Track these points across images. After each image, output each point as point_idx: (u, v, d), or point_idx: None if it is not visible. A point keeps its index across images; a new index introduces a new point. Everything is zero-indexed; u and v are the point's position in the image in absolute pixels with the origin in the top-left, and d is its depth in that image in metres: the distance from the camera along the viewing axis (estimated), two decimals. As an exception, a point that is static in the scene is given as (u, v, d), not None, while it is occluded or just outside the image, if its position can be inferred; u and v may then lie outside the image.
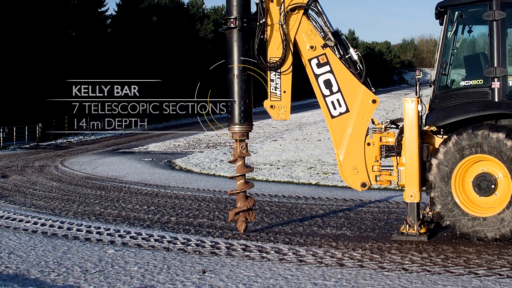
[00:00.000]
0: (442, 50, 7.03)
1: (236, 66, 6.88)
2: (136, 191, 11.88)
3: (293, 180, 13.76)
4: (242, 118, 6.90)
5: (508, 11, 6.62)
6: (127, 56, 45.06)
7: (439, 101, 6.91)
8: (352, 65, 7.05)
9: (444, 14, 7.07)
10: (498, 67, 6.53)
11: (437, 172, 6.51)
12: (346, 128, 7.01)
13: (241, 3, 6.91)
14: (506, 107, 6.44)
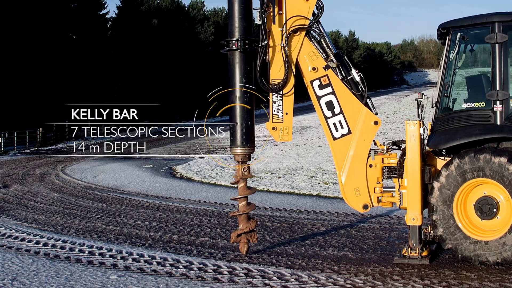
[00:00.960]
0: (444, 71, 7.03)
1: (237, 88, 6.89)
2: (137, 203, 11.89)
3: (294, 191, 13.76)
4: (244, 140, 6.91)
5: (510, 34, 6.63)
6: (127, 59, 45.06)
7: (441, 123, 6.91)
8: (354, 86, 7.06)
9: (446, 36, 7.07)
10: (500, 90, 6.53)
11: (439, 195, 6.51)
12: (348, 150, 7.01)
13: (242, 24, 6.91)
14: (508, 131, 6.45)
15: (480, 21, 6.84)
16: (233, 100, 6.92)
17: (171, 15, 49.78)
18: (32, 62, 36.91)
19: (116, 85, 44.93)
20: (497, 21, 6.60)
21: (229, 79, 6.98)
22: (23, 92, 35.74)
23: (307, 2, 7.02)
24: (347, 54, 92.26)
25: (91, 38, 42.38)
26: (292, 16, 6.94)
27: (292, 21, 6.95)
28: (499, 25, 6.59)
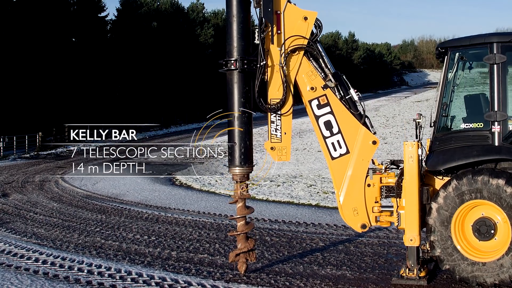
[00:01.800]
0: (442, 91, 7.04)
1: (236, 108, 6.90)
2: (136, 215, 11.90)
3: (293, 201, 13.78)
4: (242, 160, 6.92)
5: (508, 54, 6.64)
6: (127, 61, 45.04)
7: (439, 143, 6.91)
8: (352, 105, 7.07)
9: (444, 55, 7.09)
10: (499, 111, 6.54)
11: (437, 216, 6.53)
12: (346, 169, 7.02)
13: (241, 44, 6.92)
14: (506, 152, 6.45)
15: (478, 41, 6.85)
16: (231, 120, 6.93)
17: (170, 18, 49.76)
18: (32, 66, 36.92)
19: (116, 88, 44.89)
20: (496, 41, 6.60)
21: (228, 98, 6.99)
22: (23, 95, 35.75)
23: (305, 22, 7.04)
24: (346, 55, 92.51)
25: (91, 40, 42.38)
26: (291, 36, 6.95)
27: (290, 40, 6.96)
28: (498, 46, 6.60)
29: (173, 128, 43.83)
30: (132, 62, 45.23)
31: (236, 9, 6.94)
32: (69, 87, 39.36)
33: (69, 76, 39.91)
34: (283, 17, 7.01)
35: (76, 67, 40.39)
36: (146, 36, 46.30)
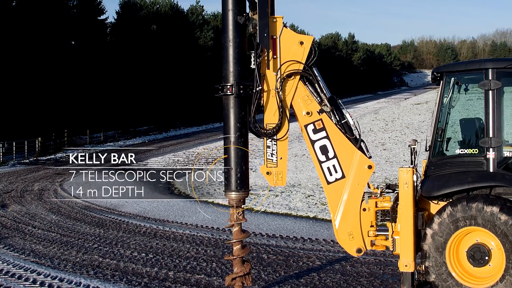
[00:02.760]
0: (437, 115, 7.06)
1: (232, 133, 6.91)
2: (134, 228, 11.94)
3: (291, 212, 13.82)
4: (238, 185, 6.93)
5: (503, 81, 6.67)
6: (127, 64, 45.09)
7: (434, 169, 6.93)
8: (348, 130, 7.08)
9: (440, 79, 7.11)
10: (493, 137, 6.56)
11: (431, 242, 6.55)
12: (342, 194, 7.03)
13: (237, 69, 6.93)
14: (501, 179, 6.48)
15: (474, 67, 6.88)
16: (228, 145, 6.95)
17: (170, 20, 49.78)
18: (31, 69, 36.95)
19: (116, 91, 44.93)
20: (491, 67, 6.63)
21: (224, 123, 7.01)
22: (22, 99, 35.78)
23: (301, 46, 7.05)
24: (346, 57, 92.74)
25: (90, 43, 42.43)
26: (287, 61, 6.97)
27: (286, 65, 6.97)
28: (493, 72, 6.62)
29: (173, 131, 43.82)
30: (131, 65, 45.27)
31: (232, 34, 6.95)
32: (69, 90, 39.41)
33: (69, 79, 39.95)
34: (279, 42, 7.02)
35: (75, 70, 40.44)
36: (145, 39, 46.34)
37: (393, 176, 18.43)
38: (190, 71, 49.43)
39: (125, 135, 40.03)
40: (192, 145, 34.01)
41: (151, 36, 47.11)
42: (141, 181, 21.18)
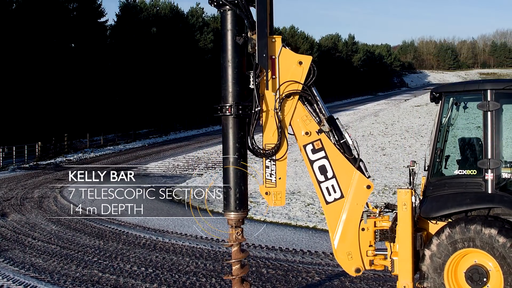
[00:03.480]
0: (436, 135, 7.07)
1: (231, 153, 6.92)
2: (134, 240, 11.96)
3: (291, 222, 13.84)
4: (237, 205, 6.93)
5: (502, 102, 6.69)
6: (127, 67, 45.12)
7: (433, 189, 6.94)
8: (347, 149, 7.09)
9: (439, 99, 7.13)
10: (492, 158, 6.58)
11: (430, 264, 6.57)
12: (340, 213, 7.05)
13: (236, 89, 6.94)
14: (499, 201, 6.49)
15: (472, 88, 6.90)
16: (227, 165, 6.96)
17: (170, 23, 49.78)
18: (31, 72, 36.97)
19: (115, 93, 44.97)
20: (490, 88, 6.64)
21: (223, 143, 7.02)
22: (21, 102, 35.79)
23: (300, 66, 7.06)
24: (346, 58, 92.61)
25: (90, 46, 42.45)
26: (286, 81, 6.98)
27: (285, 86, 6.98)
28: (492, 93, 6.63)
29: (173, 134, 43.81)
30: (131, 67, 45.30)
31: (231, 54, 6.96)
32: (69, 93, 39.41)
33: (69, 82, 39.97)
34: (278, 62, 7.03)
35: (75, 73, 40.46)
36: (145, 42, 46.36)
37: (393, 184, 18.46)
38: (190, 73, 49.45)
39: (125, 138, 40.03)
40: (192, 149, 34.01)
41: (151, 38, 47.13)
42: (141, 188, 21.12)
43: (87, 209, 13.61)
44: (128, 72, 45.13)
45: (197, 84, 49.59)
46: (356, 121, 47.49)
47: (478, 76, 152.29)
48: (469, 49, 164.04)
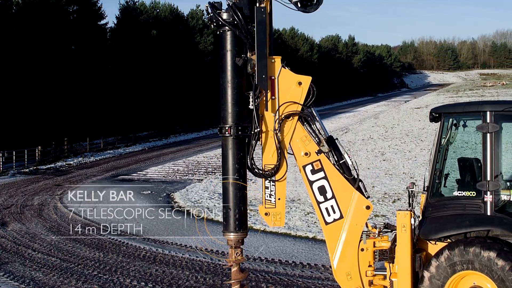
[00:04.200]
0: (436, 156, 7.08)
1: (231, 174, 6.93)
2: (134, 252, 11.96)
3: (290, 232, 13.85)
4: (237, 226, 6.95)
5: (501, 124, 6.70)
6: (127, 69, 45.13)
7: (432, 210, 6.95)
8: (346, 170, 7.10)
9: (438, 119, 7.14)
10: (491, 180, 6.59)
11: (429, 285, 6.58)
12: (340, 234, 7.06)
13: (235, 110, 6.95)
14: (498, 223, 6.50)
15: (472, 109, 6.91)
16: (226, 186, 6.97)
17: (170, 25, 49.80)
18: (31, 74, 36.99)
19: (115, 95, 44.98)
20: (489, 110, 6.65)
21: (222, 164, 7.03)
22: (22, 105, 35.81)
23: (299, 87, 7.07)
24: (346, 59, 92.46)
25: (90, 48, 42.46)
26: (285, 102, 6.99)
27: (284, 106, 6.99)
28: (491, 115, 6.64)
29: (172, 138, 43.78)
30: (131, 70, 45.31)
31: (231, 74, 6.97)
32: (69, 95, 39.42)
33: (69, 84, 39.99)
34: (278, 83, 7.03)
35: (75, 75, 40.47)
36: (145, 44, 46.36)
37: (392, 191, 18.46)
38: (190, 76, 49.46)
39: (125, 141, 40.03)
40: (192, 153, 34.01)
41: (151, 41, 47.13)
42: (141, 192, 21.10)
43: (87, 229, 13.68)
44: (128, 74, 45.14)
45: (197, 87, 49.61)
46: (356, 124, 47.52)
47: (478, 76, 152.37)
48: (469, 50, 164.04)
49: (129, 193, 21.16)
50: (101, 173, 26.79)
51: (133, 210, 17.36)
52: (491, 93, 79.91)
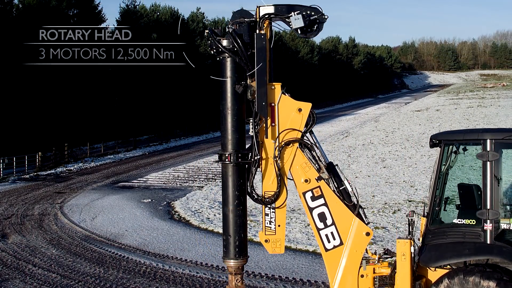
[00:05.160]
0: (436, 183, 7.08)
1: (231, 201, 6.94)
2: (134, 267, 11.96)
3: (291, 245, 13.83)
4: (237, 252, 6.95)
5: (501, 152, 6.71)
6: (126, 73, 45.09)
7: (432, 237, 6.96)
8: (346, 196, 7.11)
9: (438, 146, 7.14)
10: (491, 209, 6.59)
11: (429, 313, 6.60)
12: (340, 260, 7.07)
13: (235, 137, 6.95)
14: (498, 252, 6.51)
15: (472, 137, 6.92)
16: (227, 213, 6.98)
17: (170, 28, 49.77)
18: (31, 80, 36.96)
19: (115, 99, 44.97)
20: (489, 138, 6.66)
21: (223, 191, 7.03)
22: (21, 111, 35.78)
23: (299, 113, 7.07)
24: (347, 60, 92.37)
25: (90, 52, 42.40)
26: (285, 129, 6.99)
27: (284, 133, 6.99)
28: (491, 143, 6.64)
29: (173, 142, 43.77)
30: (131, 73, 45.26)
31: (231, 101, 6.98)
32: (69, 98, 39.37)
33: (68, 87, 39.95)
34: (277, 109, 7.04)
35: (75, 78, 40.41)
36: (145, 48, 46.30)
37: (393, 201, 18.45)
38: (190, 78, 49.43)
39: (126, 145, 40.02)
40: (193, 158, 34.01)
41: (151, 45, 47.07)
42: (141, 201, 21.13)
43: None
44: (128, 77, 45.09)
45: (197, 90, 49.59)
46: (357, 127, 47.49)
47: (479, 77, 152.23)
48: (470, 50, 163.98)
49: (129, 202, 21.26)
50: (101, 179, 26.81)
51: (133, 221, 17.41)
52: (492, 95, 79.93)
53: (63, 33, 30.87)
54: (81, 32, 31.43)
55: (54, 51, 30.55)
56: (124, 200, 21.00)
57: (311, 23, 7.07)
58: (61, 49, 34.27)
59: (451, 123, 43.32)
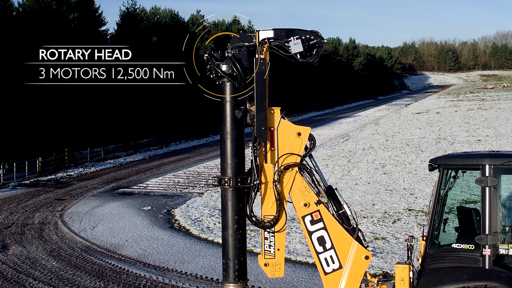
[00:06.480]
0: (434, 207, 7.11)
1: (230, 225, 6.96)
2: (134, 281, 11.98)
3: (290, 257, 13.85)
4: (236, 276, 6.96)
5: (500, 178, 6.72)
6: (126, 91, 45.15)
7: (430, 261, 6.99)
8: (345, 220, 7.12)
9: (437, 169, 7.16)
10: (490, 234, 6.62)
11: (427, 338, 6.62)
12: (339, 284, 7.09)
13: (235, 161, 6.97)
14: (496, 277, 6.53)
15: (471, 162, 6.92)
16: (226, 237, 6.98)
17: (171, 31, 49.80)
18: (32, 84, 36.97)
19: (115, 102, 45.01)
20: (488, 164, 6.67)
21: (222, 215, 7.05)
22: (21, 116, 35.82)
23: (299, 138, 7.08)
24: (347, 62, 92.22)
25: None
26: (284, 153, 7.00)
27: (284, 158, 7.01)
28: (490, 168, 6.65)
29: (173, 145, 43.77)
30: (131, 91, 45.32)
31: (230, 126, 6.99)
32: (69, 102, 39.40)
33: (69, 90, 39.96)
34: (277, 134, 7.05)
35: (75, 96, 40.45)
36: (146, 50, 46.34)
37: (393, 210, 18.46)
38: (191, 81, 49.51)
39: (126, 149, 40.02)
40: (193, 163, 34.02)
41: (152, 47, 47.13)
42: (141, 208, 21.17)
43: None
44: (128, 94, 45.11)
45: (197, 93, 49.56)
46: (357, 130, 47.51)
47: (479, 77, 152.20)
48: (470, 51, 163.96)
49: (130, 210, 21.27)
50: (101, 185, 26.83)
51: (134, 230, 17.44)
52: (492, 96, 79.95)
53: (63, 53, 30.85)
54: (81, 52, 31.51)
55: (54, 70, 30.53)
56: (124, 208, 21.03)
57: (310, 47, 7.09)
58: (61, 69, 34.33)
59: (451, 127, 43.32)
